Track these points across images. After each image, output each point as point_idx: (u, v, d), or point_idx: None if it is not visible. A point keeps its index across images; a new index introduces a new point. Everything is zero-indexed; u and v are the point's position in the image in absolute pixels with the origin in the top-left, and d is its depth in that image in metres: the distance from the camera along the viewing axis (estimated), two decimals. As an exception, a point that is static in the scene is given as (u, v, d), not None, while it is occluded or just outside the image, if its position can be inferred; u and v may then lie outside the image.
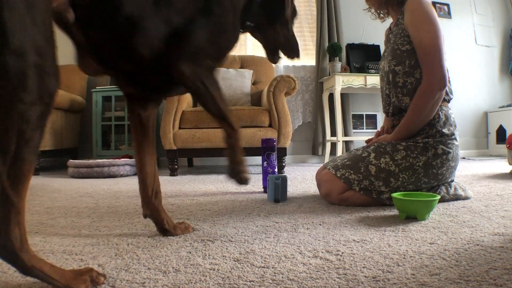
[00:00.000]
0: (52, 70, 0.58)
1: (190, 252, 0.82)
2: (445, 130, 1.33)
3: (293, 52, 1.16)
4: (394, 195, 1.15)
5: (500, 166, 2.85)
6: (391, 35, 1.46)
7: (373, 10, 1.53)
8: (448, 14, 4.29)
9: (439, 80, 1.28)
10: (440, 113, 1.34)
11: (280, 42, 1.14)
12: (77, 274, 0.65)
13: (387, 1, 1.45)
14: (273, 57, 1.18)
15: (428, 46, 1.29)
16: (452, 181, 1.42)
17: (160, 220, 0.98)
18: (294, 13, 1.18)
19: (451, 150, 1.32)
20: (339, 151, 3.34)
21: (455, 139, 1.35)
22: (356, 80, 3.45)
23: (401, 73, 1.38)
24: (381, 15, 1.52)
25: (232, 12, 0.94)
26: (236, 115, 2.58)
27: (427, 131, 1.33)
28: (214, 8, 0.88)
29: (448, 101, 1.40)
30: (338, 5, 3.86)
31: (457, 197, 1.39)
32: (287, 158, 3.74)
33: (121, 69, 0.85)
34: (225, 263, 0.75)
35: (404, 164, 1.29)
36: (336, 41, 3.80)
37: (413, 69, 1.36)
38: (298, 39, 1.21)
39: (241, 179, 0.92)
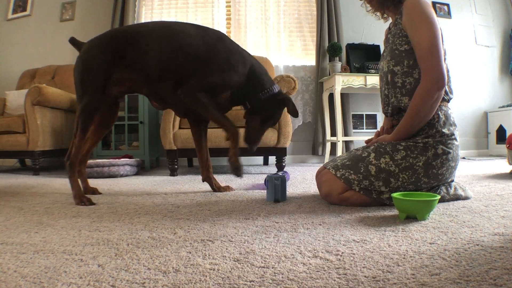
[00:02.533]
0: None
1: (190, 252, 0.82)
2: (445, 130, 1.33)
3: (251, 144, 1.67)
4: (394, 195, 1.15)
5: (500, 166, 2.85)
6: (390, 35, 1.46)
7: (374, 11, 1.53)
8: (448, 14, 4.29)
9: (438, 80, 1.27)
10: (439, 113, 1.34)
11: (251, 129, 1.66)
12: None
13: (381, 3, 1.45)
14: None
15: (426, 46, 1.28)
16: (452, 181, 1.42)
17: (211, 183, 1.79)
18: (274, 122, 1.69)
19: (451, 150, 1.32)
20: (339, 151, 3.34)
21: (455, 139, 1.35)
22: (356, 80, 3.45)
23: (400, 73, 1.38)
24: (385, 15, 1.52)
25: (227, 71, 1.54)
26: (236, 115, 2.58)
27: (427, 131, 1.33)
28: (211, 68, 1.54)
29: (448, 101, 1.39)
30: (338, 5, 3.86)
31: (457, 197, 1.39)
32: (287, 158, 3.75)
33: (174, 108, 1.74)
34: (225, 263, 0.75)
35: (404, 164, 1.29)
36: (336, 41, 3.80)
37: (412, 69, 1.36)
38: (298, 39, 1.26)
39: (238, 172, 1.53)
